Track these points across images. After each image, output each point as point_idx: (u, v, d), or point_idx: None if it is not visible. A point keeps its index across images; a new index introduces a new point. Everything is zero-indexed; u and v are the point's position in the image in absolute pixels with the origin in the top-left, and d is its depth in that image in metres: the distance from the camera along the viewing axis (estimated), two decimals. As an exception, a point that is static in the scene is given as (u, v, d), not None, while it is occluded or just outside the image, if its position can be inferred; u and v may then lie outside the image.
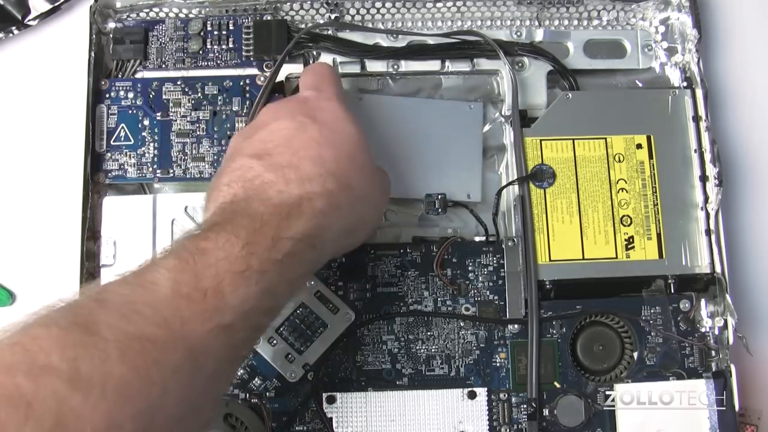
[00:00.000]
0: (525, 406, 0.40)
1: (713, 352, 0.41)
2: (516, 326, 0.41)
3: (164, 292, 0.26)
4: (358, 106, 0.44)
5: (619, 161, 0.43)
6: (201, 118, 0.43)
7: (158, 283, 0.26)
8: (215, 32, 0.45)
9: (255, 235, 0.29)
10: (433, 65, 0.45)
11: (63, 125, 0.45)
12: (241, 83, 0.44)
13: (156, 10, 0.45)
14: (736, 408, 0.40)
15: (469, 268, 0.42)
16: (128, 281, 0.27)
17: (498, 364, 0.41)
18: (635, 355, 0.41)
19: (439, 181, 0.43)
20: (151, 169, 0.43)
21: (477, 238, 0.43)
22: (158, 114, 0.43)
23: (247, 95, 0.43)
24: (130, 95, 0.44)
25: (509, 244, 0.42)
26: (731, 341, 0.41)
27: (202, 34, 0.45)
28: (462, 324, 0.41)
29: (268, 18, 0.45)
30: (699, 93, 0.44)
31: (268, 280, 0.29)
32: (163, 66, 0.44)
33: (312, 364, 0.40)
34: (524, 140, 0.43)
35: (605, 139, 0.44)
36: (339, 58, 0.45)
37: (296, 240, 0.30)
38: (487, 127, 0.45)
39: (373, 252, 0.42)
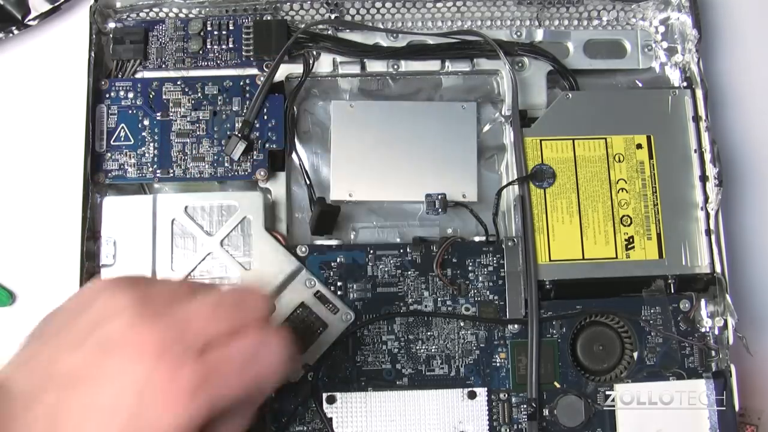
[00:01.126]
0: (525, 406, 0.40)
1: (713, 352, 0.41)
2: (516, 326, 0.41)
3: None
4: (350, 113, 0.44)
5: (619, 161, 0.43)
6: (201, 118, 0.43)
7: None
8: (215, 32, 0.45)
9: None
10: (433, 65, 0.45)
11: (63, 125, 0.45)
12: (241, 83, 0.44)
13: (156, 10, 0.45)
14: (736, 408, 0.40)
15: (469, 268, 0.42)
16: None
17: (498, 364, 0.41)
18: (635, 355, 0.41)
19: (435, 182, 0.43)
20: (151, 169, 0.43)
21: (477, 238, 0.43)
22: (158, 114, 0.43)
23: (247, 95, 0.43)
24: (130, 95, 0.44)
25: (509, 244, 0.42)
26: (731, 341, 0.41)
27: (202, 34, 0.45)
28: (462, 324, 0.41)
29: (268, 18, 0.45)
30: (699, 93, 0.44)
31: None
32: (163, 66, 0.44)
33: (312, 364, 0.40)
34: (524, 140, 0.43)
35: (605, 139, 0.44)
36: (339, 58, 0.45)
37: None
38: (487, 127, 0.45)
39: (373, 252, 0.42)
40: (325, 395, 0.40)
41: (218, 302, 0.29)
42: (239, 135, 0.42)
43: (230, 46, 0.45)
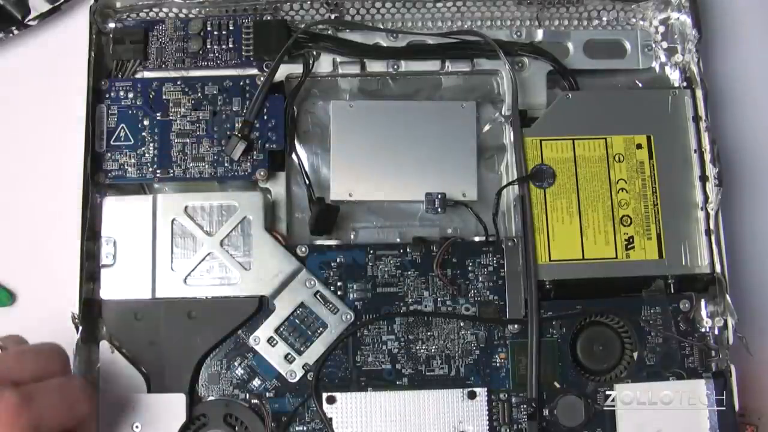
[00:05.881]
0: (525, 406, 0.40)
1: (713, 352, 0.41)
2: (516, 326, 0.41)
3: None
4: (350, 113, 0.44)
5: (619, 161, 0.43)
6: (201, 118, 0.43)
7: None
8: (215, 32, 0.45)
9: None
10: (433, 65, 0.45)
11: (63, 125, 0.45)
12: (241, 83, 0.44)
13: (156, 10, 0.45)
14: (736, 408, 0.40)
15: (469, 268, 0.42)
16: None
17: (498, 364, 0.41)
18: (635, 355, 0.41)
19: (435, 182, 0.43)
20: (151, 169, 0.43)
21: (477, 238, 0.43)
22: (158, 114, 0.43)
23: (247, 95, 0.43)
24: (130, 95, 0.44)
25: (509, 244, 0.42)
26: (731, 341, 0.41)
27: (202, 34, 0.45)
28: (462, 324, 0.41)
29: (268, 18, 0.45)
30: (699, 93, 0.44)
31: None
32: (163, 66, 0.44)
33: (312, 364, 0.40)
34: (524, 140, 0.43)
35: (605, 139, 0.44)
36: (339, 58, 0.45)
37: None
38: (487, 127, 0.45)
39: (373, 252, 0.42)
40: (325, 395, 0.40)
41: (21, 352, 0.33)
42: (239, 135, 0.42)
43: (230, 46, 0.45)
